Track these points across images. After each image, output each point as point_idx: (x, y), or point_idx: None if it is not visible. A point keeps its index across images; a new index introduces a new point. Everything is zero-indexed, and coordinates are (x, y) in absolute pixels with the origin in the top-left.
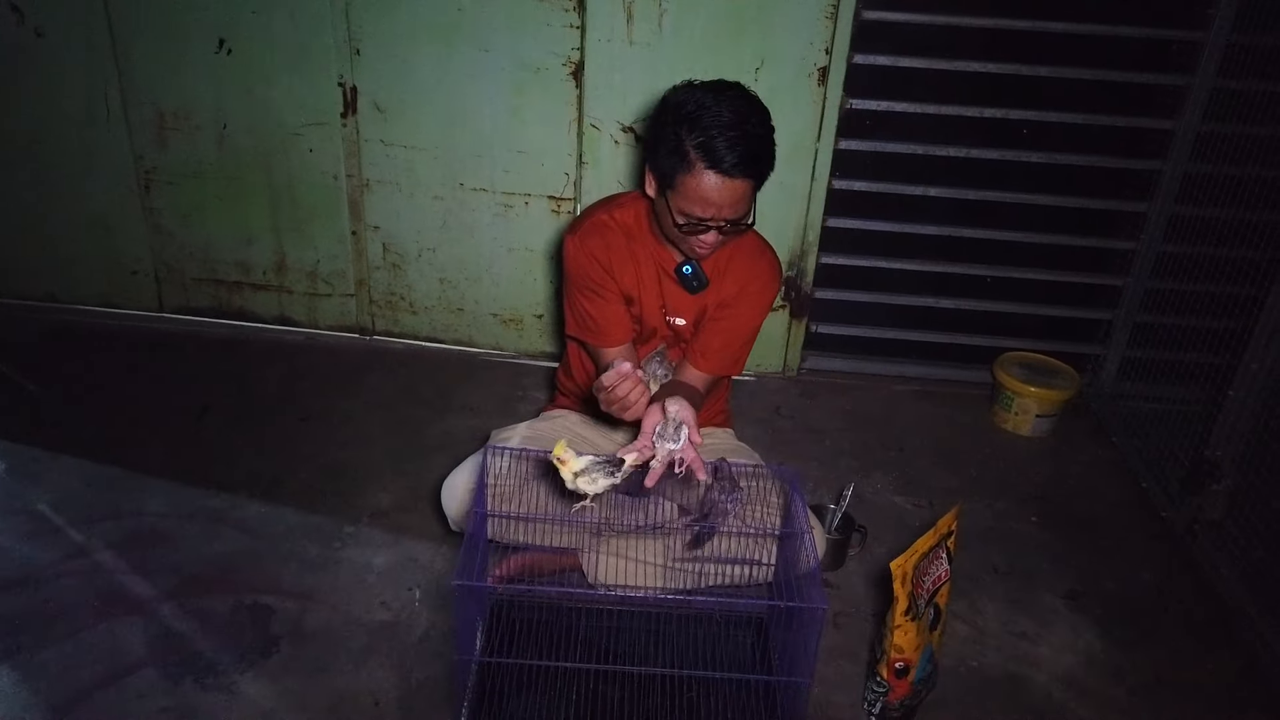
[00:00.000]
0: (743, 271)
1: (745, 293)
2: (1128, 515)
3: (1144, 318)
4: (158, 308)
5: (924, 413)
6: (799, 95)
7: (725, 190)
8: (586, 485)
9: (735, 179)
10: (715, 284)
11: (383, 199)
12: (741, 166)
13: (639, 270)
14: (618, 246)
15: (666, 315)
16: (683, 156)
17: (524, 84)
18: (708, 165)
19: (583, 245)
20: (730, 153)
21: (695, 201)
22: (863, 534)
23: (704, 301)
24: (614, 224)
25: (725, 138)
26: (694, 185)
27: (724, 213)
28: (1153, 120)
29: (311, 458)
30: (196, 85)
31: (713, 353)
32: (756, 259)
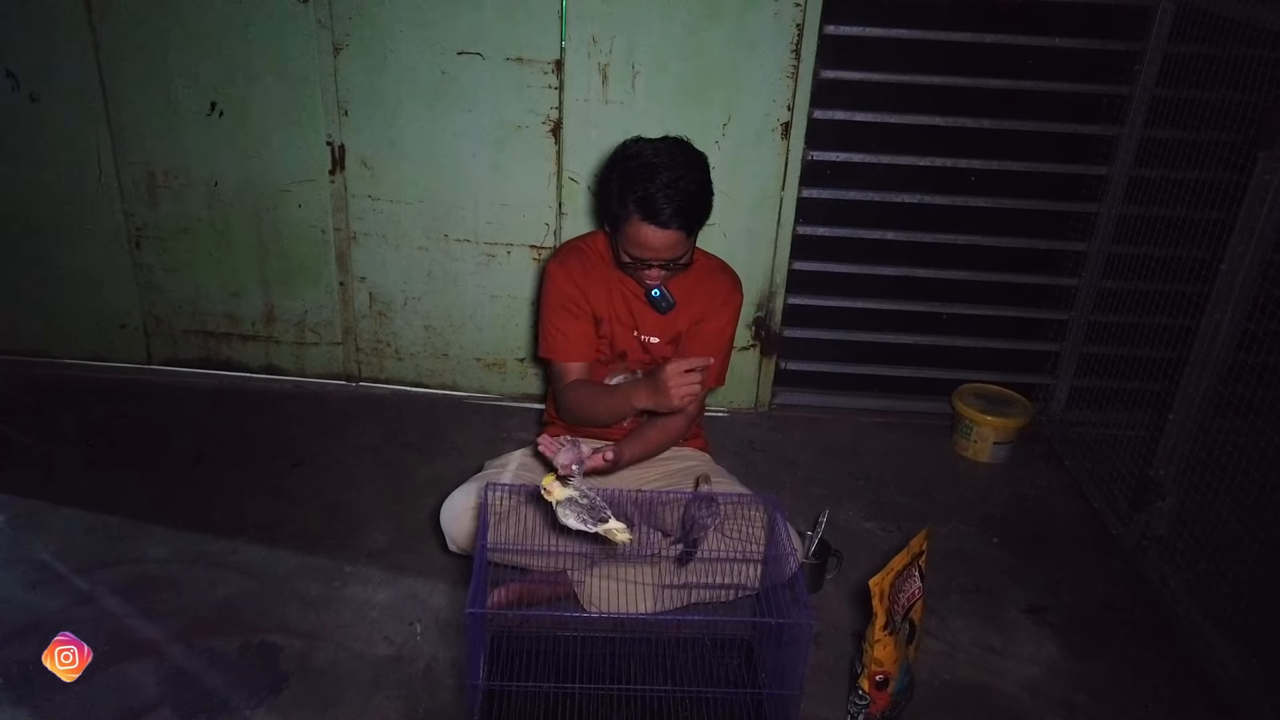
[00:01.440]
0: (707, 289)
1: (712, 306)
2: (1081, 533)
3: (1089, 349)
4: (146, 360)
5: (889, 443)
6: (764, 148)
7: (660, 238)
8: (560, 516)
9: (669, 229)
10: (685, 305)
11: (369, 251)
12: (675, 218)
13: (609, 292)
14: (592, 270)
15: (640, 335)
16: (623, 206)
17: (505, 140)
18: (642, 217)
19: (563, 265)
20: (666, 205)
21: (635, 246)
22: (838, 558)
23: (677, 322)
24: (590, 250)
25: (662, 193)
26: (633, 233)
27: (662, 255)
28: (1088, 167)
29: (306, 501)
30: (188, 146)
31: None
32: (717, 275)
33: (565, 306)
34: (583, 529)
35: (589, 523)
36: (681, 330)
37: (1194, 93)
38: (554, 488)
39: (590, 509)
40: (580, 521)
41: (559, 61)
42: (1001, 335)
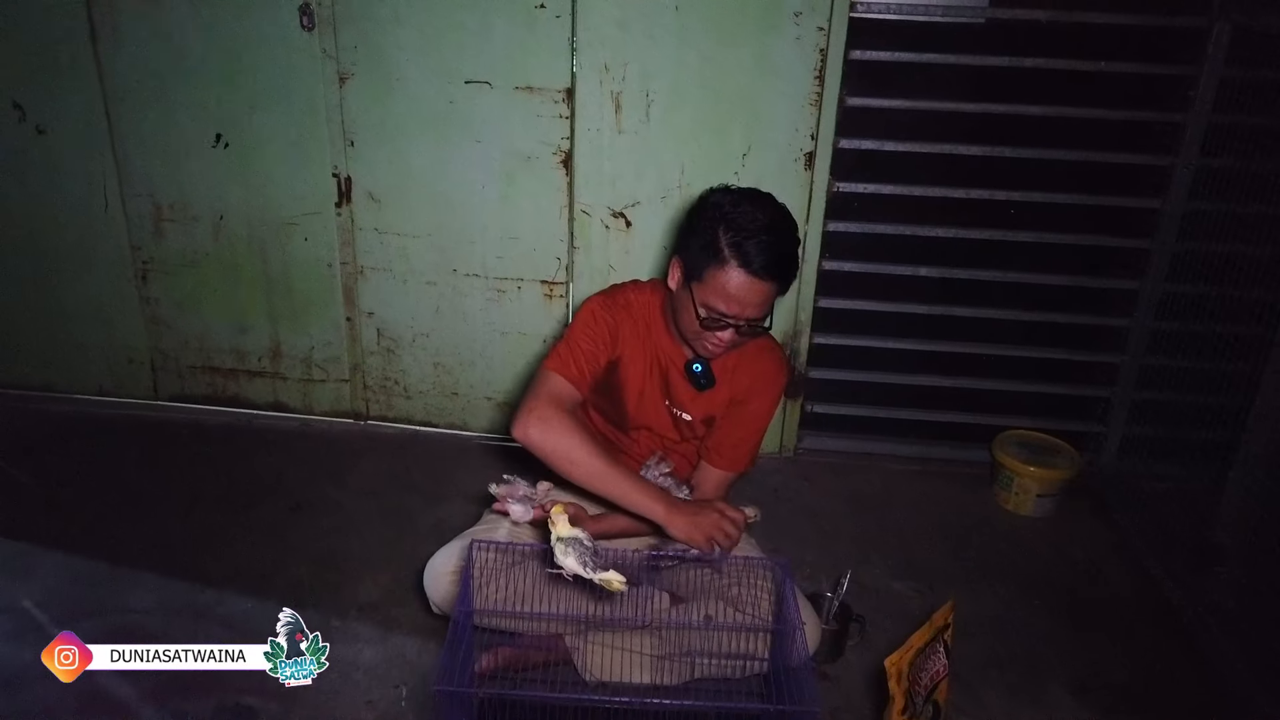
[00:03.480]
0: (751, 368)
1: (754, 389)
2: (1134, 600)
3: (1142, 395)
4: (153, 395)
5: (923, 493)
6: (786, 180)
7: (751, 290)
8: (559, 552)
9: (762, 280)
10: (725, 382)
11: (377, 285)
12: (770, 269)
13: (646, 355)
14: (635, 325)
15: (671, 408)
16: (716, 252)
17: (515, 172)
18: (739, 263)
19: (608, 308)
20: (761, 255)
21: (720, 296)
22: (861, 623)
23: (713, 399)
24: (636, 305)
25: (758, 240)
26: (722, 280)
27: (746, 311)
28: (1140, 199)
29: (300, 548)
30: (194, 178)
31: (727, 449)
32: (763, 355)
33: (590, 333)
34: (580, 573)
35: (589, 567)
36: (718, 410)
37: (1254, 119)
38: (561, 521)
39: (594, 554)
40: (580, 564)
41: (570, 90)
42: (1045, 379)
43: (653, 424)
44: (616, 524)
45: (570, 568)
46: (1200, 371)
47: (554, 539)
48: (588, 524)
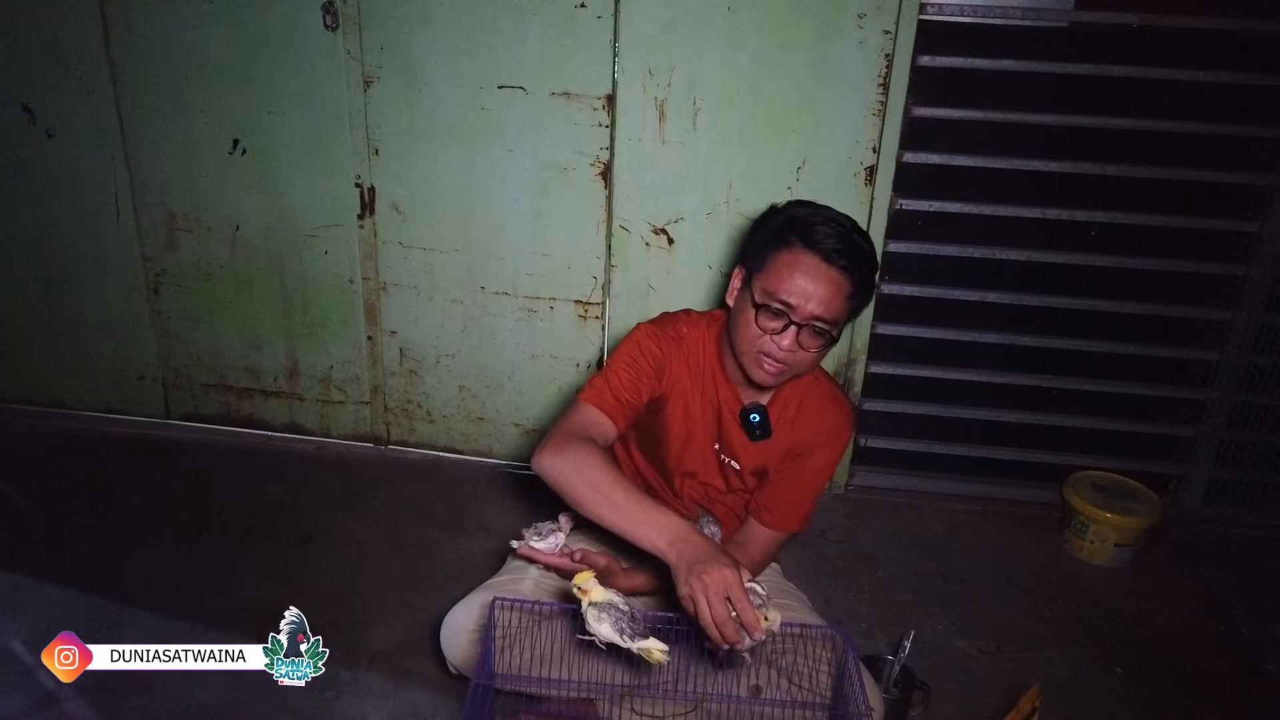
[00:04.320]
0: (813, 420)
1: (816, 442)
2: (1227, 667)
3: (1233, 435)
4: (165, 414)
5: (987, 537)
6: (845, 196)
7: (819, 276)
8: (592, 619)
9: (832, 266)
10: (782, 432)
11: (400, 303)
12: (841, 254)
13: (700, 393)
14: (686, 366)
15: (721, 455)
16: (782, 236)
17: (549, 184)
18: (805, 244)
19: (657, 340)
20: (831, 238)
21: (783, 280)
22: (925, 691)
23: (769, 450)
24: (690, 339)
25: (829, 225)
26: (787, 261)
27: (810, 305)
28: (1236, 222)
29: (311, 587)
30: (209, 186)
31: (780, 507)
32: (827, 405)
33: (632, 364)
34: (616, 642)
35: (626, 634)
36: (773, 463)
37: None
38: (591, 586)
39: (631, 619)
40: (616, 631)
41: (610, 96)
42: (1123, 415)
43: (698, 470)
44: (655, 579)
45: (605, 636)
46: None
47: (585, 606)
48: (619, 579)
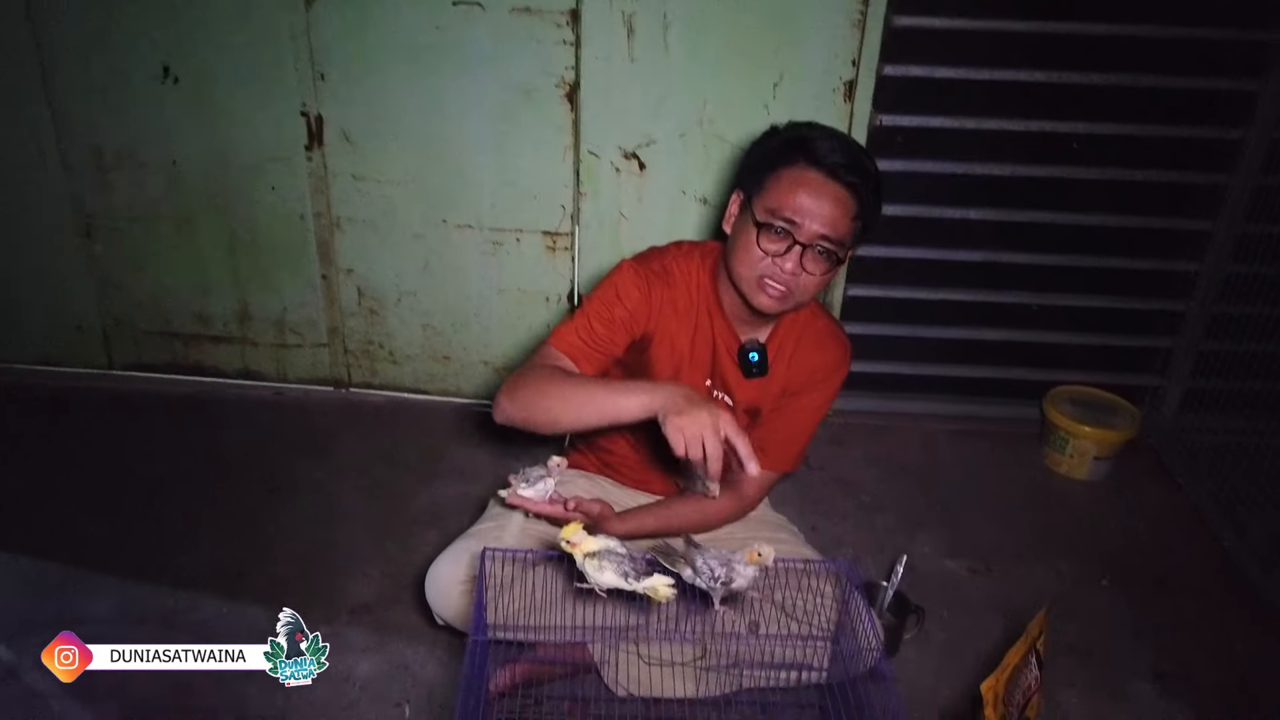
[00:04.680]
0: (811, 357)
1: (812, 381)
2: (1208, 575)
3: (1210, 345)
4: (107, 365)
5: (968, 456)
6: (823, 112)
7: (824, 192)
8: (592, 569)
9: (838, 183)
10: (780, 370)
11: (356, 239)
12: (848, 170)
13: (693, 330)
14: (674, 304)
15: (714, 390)
16: (783, 154)
17: (512, 108)
18: (807, 160)
19: (641, 278)
20: (834, 152)
21: (786, 196)
22: (919, 615)
23: (764, 389)
24: (677, 275)
25: (833, 143)
26: (789, 178)
27: (814, 224)
28: (1218, 130)
29: (280, 540)
30: (140, 120)
31: (774, 447)
32: (827, 343)
33: (608, 306)
34: (622, 587)
35: (630, 577)
36: (767, 402)
37: None
38: (581, 539)
39: (631, 560)
40: (620, 576)
41: (574, 11)
42: (1103, 329)
43: None
44: (647, 523)
45: (609, 584)
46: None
47: (581, 559)
48: (614, 524)
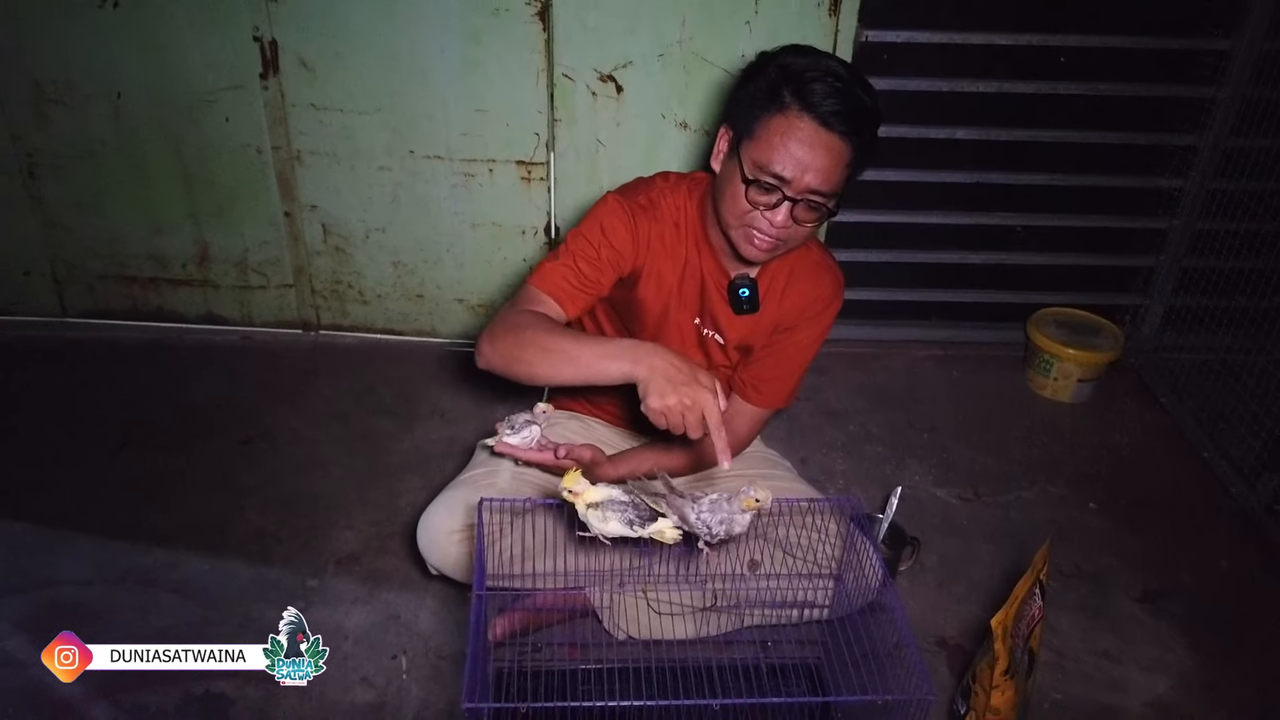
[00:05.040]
0: (804, 291)
1: (806, 315)
2: (1193, 493)
3: (1193, 261)
4: (60, 312)
5: (953, 382)
6: (807, 29)
7: (815, 142)
8: (595, 520)
9: (830, 132)
10: (772, 306)
11: (319, 173)
12: (841, 118)
13: (676, 272)
14: (661, 239)
15: (703, 329)
16: (774, 95)
17: (480, 30)
18: (801, 106)
19: (626, 211)
20: (830, 98)
21: (776, 150)
22: (915, 546)
23: (756, 325)
24: (664, 209)
25: (827, 82)
26: (780, 128)
27: (806, 177)
28: (1207, 41)
29: (258, 491)
30: (79, 48)
31: (766, 384)
32: (820, 276)
33: (593, 242)
34: (628, 534)
35: (636, 524)
36: (760, 338)
37: None
38: (583, 487)
39: (635, 507)
40: (625, 524)
41: None
42: (1086, 250)
43: (674, 345)
44: (641, 467)
45: (614, 533)
46: (1272, 235)
47: (584, 509)
48: (606, 469)
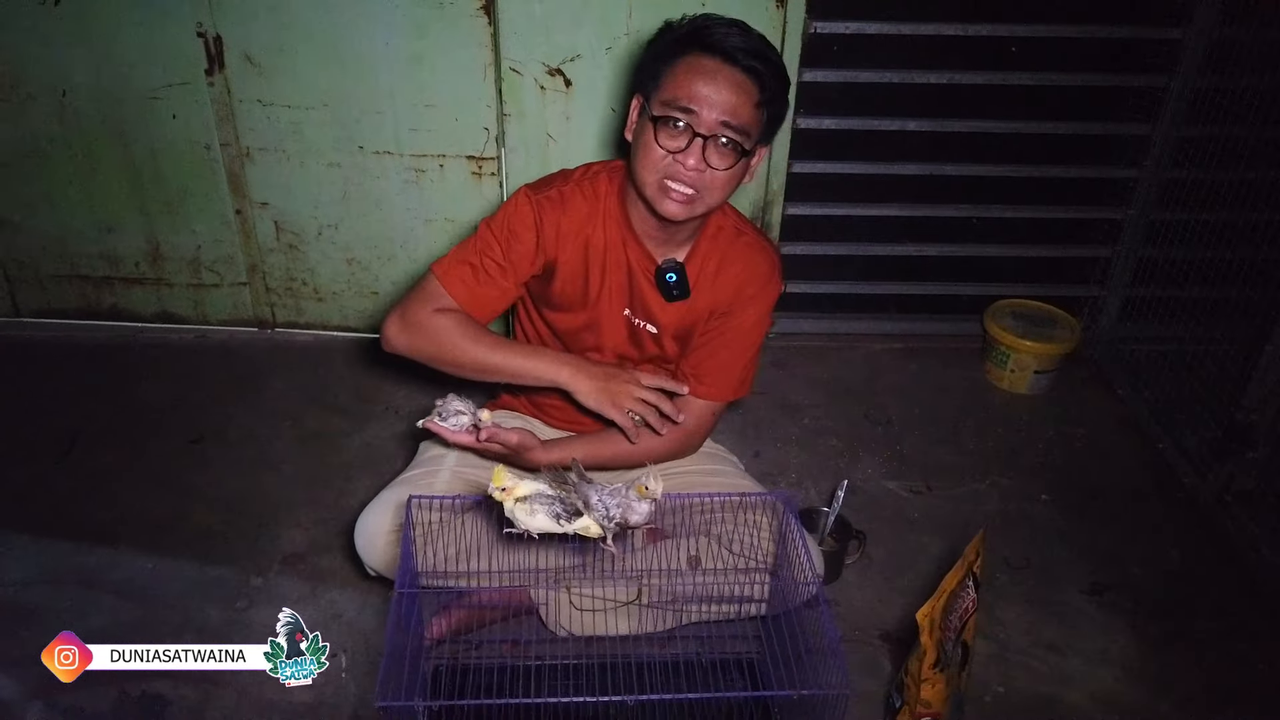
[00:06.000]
0: (736, 271)
1: (742, 296)
2: (1145, 483)
3: (1149, 252)
4: (13, 312)
5: (909, 375)
6: (755, 20)
7: (722, 78)
8: (522, 514)
9: (736, 67)
10: (704, 291)
11: (268, 170)
12: (746, 54)
13: (604, 261)
14: (576, 228)
15: (634, 319)
16: (678, 45)
17: (426, 23)
18: (703, 47)
19: (532, 206)
20: (734, 38)
21: (682, 85)
22: (861, 540)
23: (690, 310)
24: (575, 202)
25: (728, 29)
26: (685, 67)
27: (714, 112)
28: (1158, 30)
29: (207, 490)
30: (20, 44)
31: (710, 374)
32: (753, 255)
33: (506, 249)
34: (554, 530)
35: (563, 519)
36: (696, 322)
37: None
38: (512, 483)
39: (562, 502)
40: (552, 518)
41: None
42: (1042, 241)
43: (605, 338)
44: (574, 453)
45: (540, 527)
46: (1221, 224)
47: (509, 508)
48: (538, 453)
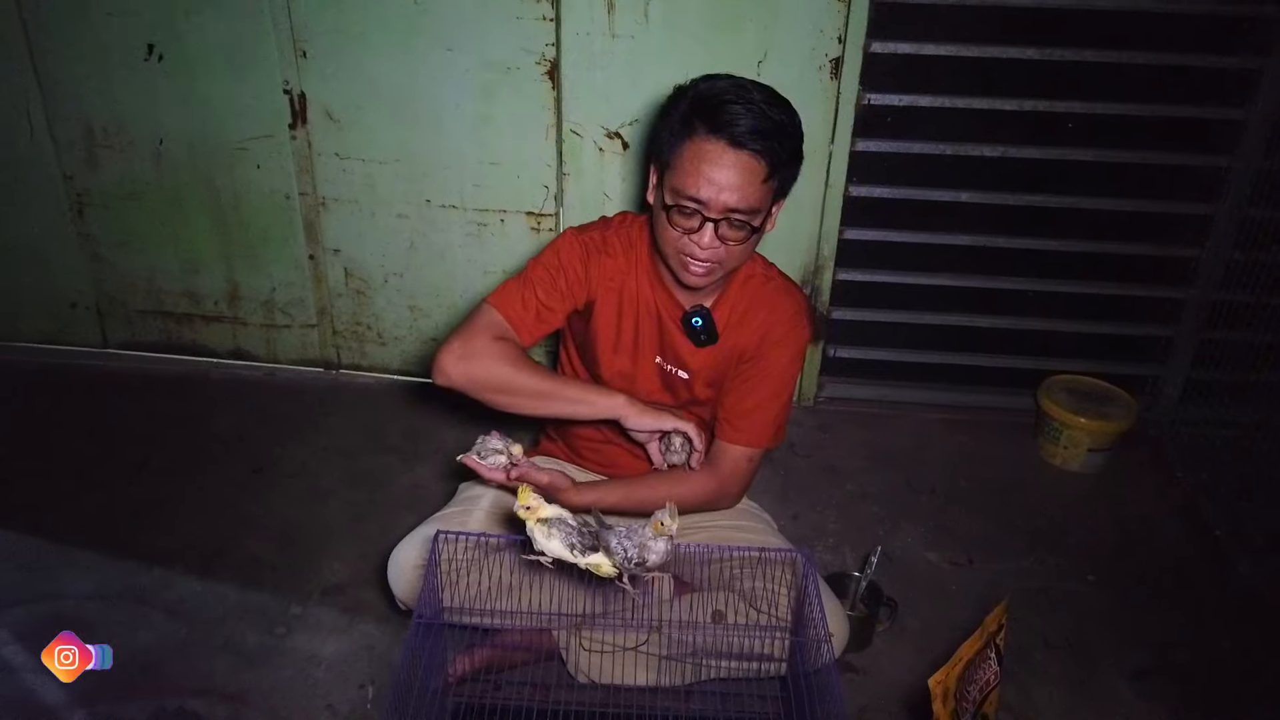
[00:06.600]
0: (763, 316)
1: (769, 340)
2: (1201, 571)
3: (1210, 334)
4: (102, 343)
5: (958, 447)
6: (809, 91)
7: (724, 161)
8: (540, 535)
9: (740, 151)
10: (731, 335)
11: (342, 219)
12: (752, 137)
13: (632, 307)
14: (615, 274)
15: (666, 365)
16: (686, 124)
17: (493, 87)
18: (709, 130)
19: (580, 247)
20: (742, 120)
21: (690, 174)
22: (892, 608)
23: (719, 355)
24: (618, 248)
25: (735, 106)
26: (693, 154)
27: (722, 195)
28: (1221, 110)
29: (260, 519)
30: (126, 97)
31: (740, 418)
32: (779, 299)
33: (550, 274)
34: (566, 557)
35: (577, 549)
36: (727, 368)
37: None
38: (537, 503)
39: (580, 533)
40: (567, 546)
41: None
42: (1099, 317)
43: (639, 384)
44: (608, 497)
45: (554, 551)
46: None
47: (530, 526)
48: (570, 494)
